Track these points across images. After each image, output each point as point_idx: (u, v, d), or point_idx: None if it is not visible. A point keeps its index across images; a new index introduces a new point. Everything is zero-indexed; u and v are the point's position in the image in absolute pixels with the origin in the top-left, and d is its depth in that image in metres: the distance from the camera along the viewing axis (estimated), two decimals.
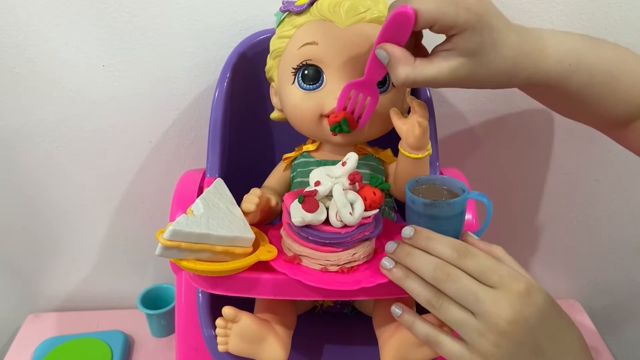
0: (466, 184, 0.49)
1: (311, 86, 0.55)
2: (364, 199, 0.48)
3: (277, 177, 0.63)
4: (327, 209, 0.48)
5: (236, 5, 0.67)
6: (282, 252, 0.52)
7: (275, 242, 0.53)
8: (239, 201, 0.54)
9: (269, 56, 0.59)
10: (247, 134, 0.69)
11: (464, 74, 0.44)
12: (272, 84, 0.60)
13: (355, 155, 0.50)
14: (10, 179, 0.77)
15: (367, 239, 0.51)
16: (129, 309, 0.87)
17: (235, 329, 0.51)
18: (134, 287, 0.86)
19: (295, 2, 0.56)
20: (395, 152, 0.58)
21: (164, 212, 0.62)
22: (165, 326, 0.82)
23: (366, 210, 0.48)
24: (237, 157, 0.67)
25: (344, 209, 0.47)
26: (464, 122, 0.78)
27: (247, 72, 0.65)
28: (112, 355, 0.77)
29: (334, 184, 0.48)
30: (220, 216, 0.49)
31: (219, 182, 0.56)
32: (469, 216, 0.57)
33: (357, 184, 0.49)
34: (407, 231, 0.45)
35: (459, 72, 0.43)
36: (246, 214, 0.53)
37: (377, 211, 0.50)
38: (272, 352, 0.52)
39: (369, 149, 0.61)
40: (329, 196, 0.49)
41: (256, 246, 0.51)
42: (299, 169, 0.61)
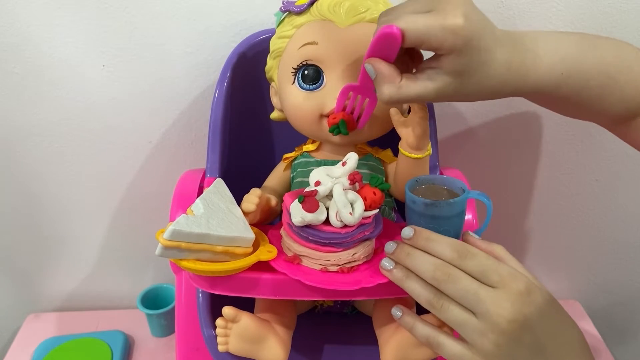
0: (466, 184, 0.49)
1: (311, 86, 0.55)
2: (364, 199, 0.48)
3: (277, 177, 0.63)
4: (327, 209, 0.48)
5: (236, 5, 0.67)
6: (282, 252, 0.52)
7: (275, 242, 0.53)
8: (239, 201, 0.54)
9: (269, 56, 0.59)
10: (247, 134, 0.69)
11: (450, 92, 0.44)
12: (272, 84, 0.60)
13: (355, 155, 0.50)
14: (10, 178, 0.77)
15: (367, 239, 0.50)
16: (129, 309, 0.87)
17: (235, 329, 0.51)
18: (134, 287, 0.86)
19: (295, 2, 0.56)
20: (395, 152, 0.58)
21: (164, 212, 0.62)
22: (165, 326, 0.82)
23: (366, 210, 0.48)
24: (237, 157, 0.67)
25: (344, 209, 0.47)
26: (464, 122, 0.78)
27: (247, 72, 0.65)
28: (112, 355, 0.77)
29: (334, 184, 0.48)
30: (220, 216, 0.49)
31: (219, 182, 0.56)
32: (469, 216, 0.57)
33: (357, 184, 0.49)
34: (406, 232, 0.45)
35: (444, 91, 0.43)
36: (246, 214, 0.53)
37: (377, 211, 0.50)
38: (272, 352, 0.52)
39: (369, 149, 0.61)
40: (329, 196, 0.49)
41: (256, 246, 0.51)
42: (299, 169, 0.61)
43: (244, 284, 0.50)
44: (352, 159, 0.50)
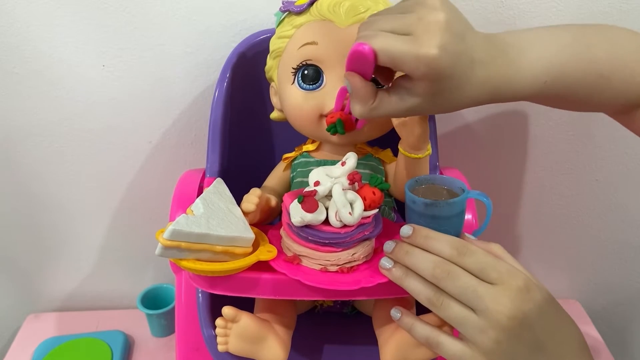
0: (466, 184, 0.49)
1: (311, 86, 0.55)
2: (364, 199, 0.48)
3: (277, 177, 0.63)
4: (327, 209, 0.48)
5: (236, 5, 0.67)
6: (281, 252, 0.52)
7: (275, 242, 0.53)
8: (239, 201, 0.54)
9: (268, 56, 0.59)
10: (247, 134, 0.69)
11: (422, 111, 0.43)
12: (272, 84, 0.60)
13: (354, 155, 0.50)
14: (10, 178, 0.77)
15: (366, 239, 0.50)
16: (129, 309, 0.87)
17: (235, 329, 0.51)
18: (134, 287, 0.86)
19: (295, 2, 0.56)
20: (395, 152, 0.58)
21: (164, 212, 0.62)
22: (165, 326, 0.82)
23: (366, 210, 0.48)
24: (237, 157, 0.67)
25: (344, 209, 0.47)
26: (464, 122, 0.78)
27: (247, 72, 0.65)
28: (112, 355, 0.77)
29: (333, 184, 0.48)
30: (220, 216, 0.49)
31: (219, 182, 0.56)
32: (469, 216, 0.57)
33: (356, 183, 0.49)
34: (405, 230, 0.45)
35: (416, 110, 0.43)
36: (246, 214, 0.53)
37: (376, 211, 0.50)
38: (272, 352, 0.52)
39: (369, 148, 0.61)
40: (329, 196, 0.49)
41: (256, 246, 0.51)
42: (299, 169, 0.61)
43: (243, 284, 0.50)
44: (351, 158, 0.50)
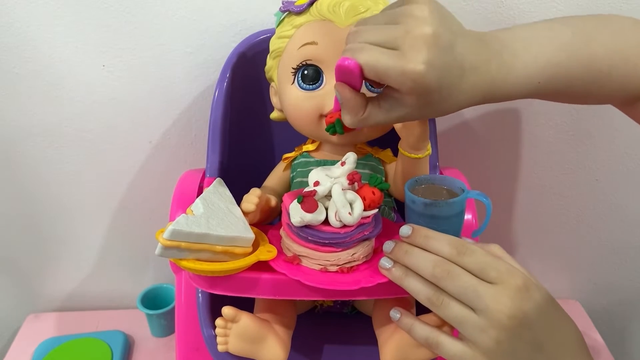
0: (466, 184, 0.49)
1: (311, 86, 0.55)
2: (363, 199, 0.48)
3: (277, 177, 0.63)
4: (327, 209, 0.48)
5: (236, 5, 0.67)
6: (281, 253, 0.52)
7: (275, 242, 0.53)
8: (239, 201, 0.54)
9: (268, 56, 0.59)
10: (247, 134, 0.69)
11: (412, 118, 0.44)
12: (272, 84, 0.60)
13: (354, 155, 0.50)
14: (10, 179, 0.77)
15: (366, 239, 0.50)
16: (129, 309, 0.87)
17: (235, 329, 0.51)
18: (134, 287, 0.85)
19: (295, 2, 0.56)
20: (395, 152, 0.58)
21: (164, 212, 0.62)
22: (165, 326, 0.82)
23: (365, 210, 0.48)
24: (237, 157, 0.67)
25: (343, 209, 0.47)
26: (464, 122, 0.78)
27: (247, 72, 0.65)
28: (112, 355, 0.77)
29: (332, 184, 0.48)
30: (220, 216, 0.49)
31: (219, 182, 0.56)
32: (468, 216, 0.57)
33: (356, 183, 0.49)
34: (404, 230, 0.45)
35: (406, 119, 0.43)
36: (246, 214, 0.53)
37: (376, 211, 0.50)
38: (271, 352, 0.52)
39: (369, 148, 0.61)
40: (328, 196, 0.49)
41: (256, 246, 0.51)
42: (298, 169, 0.61)
43: (243, 284, 0.50)
44: (350, 159, 0.50)
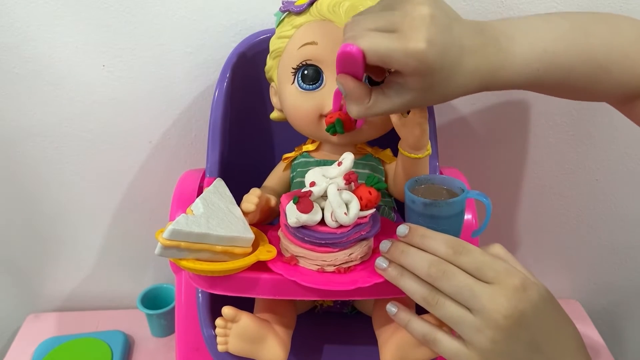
0: (465, 184, 0.49)
1: (311, 86, 0.55)
2: (360, 199, 0.48)
3: (277, 177, 0.63)
4: (323, 210, 0.48)
5: (236, 5, 0.67)
6: (280, 254, 0.52)
7: (273, 243, 0.53)
8: (239, 201, 0.54)
9: (268, 56, 0.59)
10: (247, 134, 0.69)
11: (417, 104, 0.44)
12: (272, 84, 0.60)
13: (351, 155, 0.50)
14: (10, 179, 0.77)
15: (364, 239, 0.50)
16: (129, 309, 0.87)
17: (235, 328, 0.51)
18: (134, 287, 0.85)
19: (295, 2, 0.56)
20: (395, 152, 0.58)
21: (164, 212, 0.62)
22: (165, 326, 0.82)
23: (362, 210, 0.48)
24: (237, 157, 0.67)
25: (339, 209, 0.47)
26: (464, 122, 0.78)
27: (247, 72, 0.65)
28: (112, 355, 0.77)
29: (328, 185, 0.48)
30: (220, 216, 0.49)
31: (219, 182, 0.56)
32: (468, 216, 0.57)
33: (352, 183, 0.49)
34: (401, 229, 0.45)
35: (411, 104, 0.43)
36: (246, 214, 0.53)
37: (373, 211, 0.49)
38: (271, 352, 0.52)
39: (368, 149, 0.61)
40: (325, 196, 0.49)
41: (256, 246, 0.51)
42: (298, 169, 0.61)
43: (243, 284, 0.50)
44: (347, 159, 0.50)
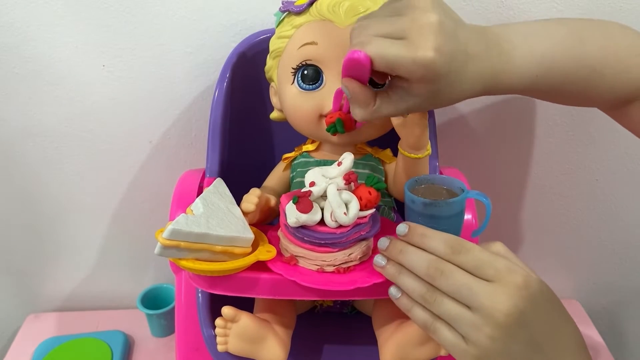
0: (465, 184, 0.49)
1: (311, 86, 0.55)
2: (360, 199, 0.48)
3: (277, 177, 0.63)
4: (323, 210, 0.48)
5: (236, 5, 0.67)
6: (280, 254, 0.52)
7: (273, 243, 0.53)
8: (239, 201, 0.54)
9: (268, 56, 0.59)
10: (247, 134, 0.69)
11: (421, 109, 0.45)
12: (272, 84, 0.60)
13: (350, 155, 0.50)
14: (10, 179, 0.77)
15: (363, 239, 0.50)
16: (129, 309, 0.87)
17: (234, 328, 0.51)
18: (134, 287, 0.85)
19: (294, 2, 0.56)
20: (395, 152, 0.58)
21: (164, 212, 0.62)
22: (165, 326, 0.82)
23: (362, 210, 0.48)
24: (237, 157, 0.67)
25: (339, 209, 0.47)
26: (464, 122, 0.78)
27: (247, 72, 0.65)
28: (112, 355, 0.77)
29: (328, 185, 0.48)
30: (219, 216, 0.49)
31: (219, 182, 0.56)
32: (468, 216, 0.57)
33: (352, 184, 0.49)
34: (401, 228, 0.45)
35: (415, 109, 0.44)
36: (245, 214, 0.53)
37: (373, 211, 0.49)
38: (271, 352, 0.52)
39: (368, 149, 0.61)
40: (324, 196, 0.49)
41: (255, 246, 0.51)
42: (298, 169, 0.61)
43: (242, 284, 0.50)
44: (347, 159, 0.50)
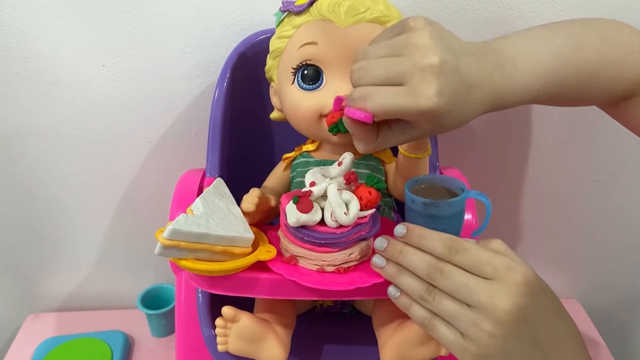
0: (465, 184, 0.49)
1: (311, 86, 0.55)
2: (360, 199, 0.48)
3: (277, 177, 0.63)
4: (323, 210, 0.48)
5: (236, 5, 0.67)
6: (280, 254, 0.52)
7: (273, 243, 0.53)
8: (239, 201, 0.54)
9: (268, 56, 0.59)
10: (247, 134, 0.69)
11: (424, 137, 0.47)
12: (272, 84, 0.60)
13: (351, 155, 0.50)
14: (10, 179, 0.77)
15: (363, 239, 0.50)
16: (129, 309, 0.87)
17: (235, 328, 0.51)
18: (134, 287, 0.86)
19: (295, 2, 0.56)
20: (395, 152, 0.58)
21: (164, 212, 0.62)
22: (165, 326, 0.82)
23: (362, 210, 0.48)
24: (237, 157, 0.67)
25: (339, 209, 0.47)
26: None
27: (247, 72, 0.65)
28: (112, 355, 0.77)
29: (328, 184, 0.48)
30: (220, 216, 0.49)
31: (219, 182, 0.56)
32: (468, 216, 0.57)
33: (352, 184, 0.49)
34: (399, 229, 0.45)
35: (418, 138, 0.46)
36: (246, 214, 0.53)
37: (373, 211, 0.49)
38: (271, 351, 0.52)
39: None
40: (324, 196, 0.49)
41: (255, 246, 0.51)
42: (298, 169, 0.61)
43: (242, 284, 0.50)
44: (347, 158, 0.50)
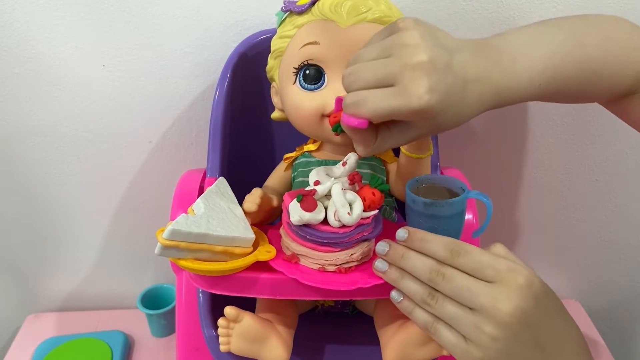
0: (466, 184, 0.49)
1: (312, 86, 0.55)
2: (363, 200, 0.48)
3: (278, 177, 0.63)
4: (326, 209, 0.48)
5: (236, 5, 0.67)
6: (281, 251, 0.52)
7: (274, 241, 0.53)
8: (240, 201, 0.54)
9: (270, 56, 0.59)
10: (248, 134, 0.69)
11: (424, 137, 0.46)
12: (273, 84, 0.60)
13: (355, 155, 0.50)
14: (10, 179, 0.77)
15: (365, 240, 0.50)
16: (129, 309, 0.87)
17: (237, 328, 0.51)
18: (134, 287, 0.86)
19: (296, 2, 0.56)
20: (396, 152, 0.58)
21: (164, 212, 0.62)
22: (165, 326, 0.82)
23: (365, 210, 0.48)
24: (237, 157, 0.67)
25: (342, 208, 0.47)
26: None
27: (248, 72, 0.65)
28: (112, 355, 0.77)
29: (332, 184, 0.48)
30: (221, 216, 0.49)
31: (222, 181, 0.56)
32: (469, 216, 0.57)
33: (356, 184, 0.49)
34: (401, 233, 0.45)
35: (418, 138, 0.45)
36: (247, 214, 0.53)
37: (376, 212, 0.49)
38: (274, 351, 0.52)
39: None
40: (328, 196, 0.49)
41: (256, 246, 0.51)
42: (300, 169, 0.61)
43: (242, 284, 0.50)
44: (351, 159, 0.50)
